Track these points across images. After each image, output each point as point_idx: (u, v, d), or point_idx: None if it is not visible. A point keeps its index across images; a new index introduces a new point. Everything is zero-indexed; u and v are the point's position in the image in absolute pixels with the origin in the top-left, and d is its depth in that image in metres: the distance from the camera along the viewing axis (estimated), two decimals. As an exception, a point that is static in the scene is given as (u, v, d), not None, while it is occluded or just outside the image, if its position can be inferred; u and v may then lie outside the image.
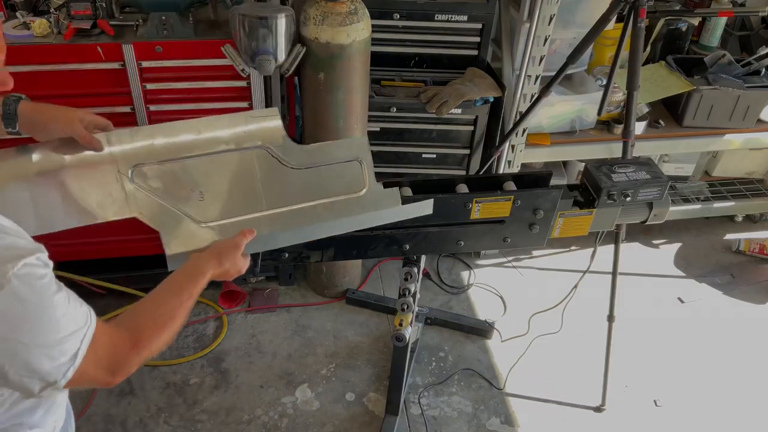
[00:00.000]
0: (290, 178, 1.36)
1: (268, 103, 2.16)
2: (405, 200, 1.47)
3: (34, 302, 0.86)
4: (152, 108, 2.10)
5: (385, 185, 1.44)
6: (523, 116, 2.35)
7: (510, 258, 2.94)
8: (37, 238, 0.92)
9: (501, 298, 2.73)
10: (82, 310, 0.93)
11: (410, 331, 1.97)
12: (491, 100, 2.43)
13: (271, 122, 1.34)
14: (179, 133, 1.30)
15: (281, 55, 1.94)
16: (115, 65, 1.99)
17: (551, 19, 2.21)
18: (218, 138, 1.31)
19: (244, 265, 1.27)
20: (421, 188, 1.63)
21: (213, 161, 1.31)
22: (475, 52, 2.48)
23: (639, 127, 2.61)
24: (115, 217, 1.25)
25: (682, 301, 2.77)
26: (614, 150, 2.58)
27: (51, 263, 0.90)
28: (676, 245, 3.08)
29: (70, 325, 0.90)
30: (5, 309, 0.83)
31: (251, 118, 1.34)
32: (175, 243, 1.27)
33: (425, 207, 1.50)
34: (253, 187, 1.33)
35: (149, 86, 2.06)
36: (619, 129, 2.54)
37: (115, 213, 1.25)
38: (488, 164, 2.55)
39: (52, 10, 1.99)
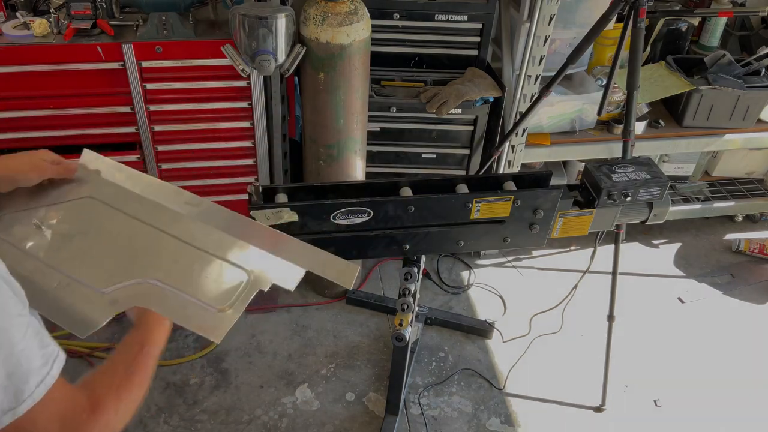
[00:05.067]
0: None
1: (268, 103, 2.17)
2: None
3: None
4: (152, 108, 2.11)
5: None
6: (523, 116, 2.34)
7: (510, 258, 2.94)
8: None
9: (501, 298, 2.73)
10: (44, 351, 0.84)
11: (410, 331, 1.97)
12: (491, 100, 2.43)
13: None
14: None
15: (281, 55, 1.94)
16: (115, 65, 1.99)
17: (551, 19, 2.21)
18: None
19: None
20: (421, 188, 1.63)
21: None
22: (475, 52, 2.48)
23: (639, 127, 2.61)
24: None
25: (682, 301, 2.77)
26: (614, 150, 2.58)
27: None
28: (676, 245, 3.08)
29: (23, 360, 0.81)
30: None
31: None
32: None
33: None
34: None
35: (149, 86, 2.06)
36: (619, 129, 2.54)
37: None
38: (488, 164, 2.55)
39: (52, 10, 1.99)
